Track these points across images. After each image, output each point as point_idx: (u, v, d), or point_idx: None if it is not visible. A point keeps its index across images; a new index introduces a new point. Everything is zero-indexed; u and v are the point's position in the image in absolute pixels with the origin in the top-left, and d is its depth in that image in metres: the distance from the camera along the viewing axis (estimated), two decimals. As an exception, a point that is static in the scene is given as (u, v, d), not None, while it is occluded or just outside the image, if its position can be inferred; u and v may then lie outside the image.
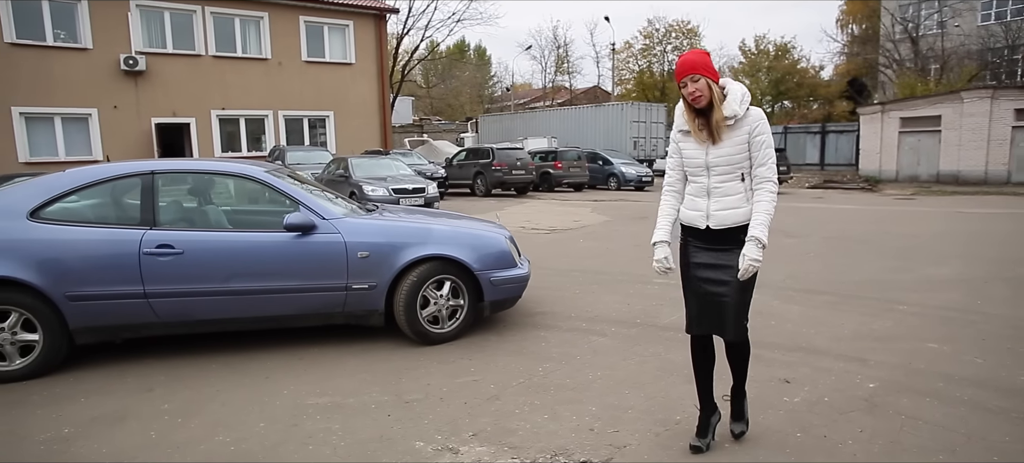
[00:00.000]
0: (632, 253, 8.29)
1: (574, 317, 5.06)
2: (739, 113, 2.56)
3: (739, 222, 2.61)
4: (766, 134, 2.61)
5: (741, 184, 2.61)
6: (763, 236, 2.55)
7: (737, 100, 2.58)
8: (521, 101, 56.72)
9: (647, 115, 28.92)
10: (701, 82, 2.55)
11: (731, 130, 2.59)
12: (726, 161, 2.60)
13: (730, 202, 2.62)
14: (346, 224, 4.17)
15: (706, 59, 2.59)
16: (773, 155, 2.63)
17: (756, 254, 2.55)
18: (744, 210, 2.60)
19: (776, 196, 2.60)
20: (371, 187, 11.64)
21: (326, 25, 21.01)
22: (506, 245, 4.57)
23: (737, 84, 2.63)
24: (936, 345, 4.24)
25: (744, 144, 2.59)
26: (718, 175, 2.63)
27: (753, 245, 2.55)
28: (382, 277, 4.16)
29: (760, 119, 2.60)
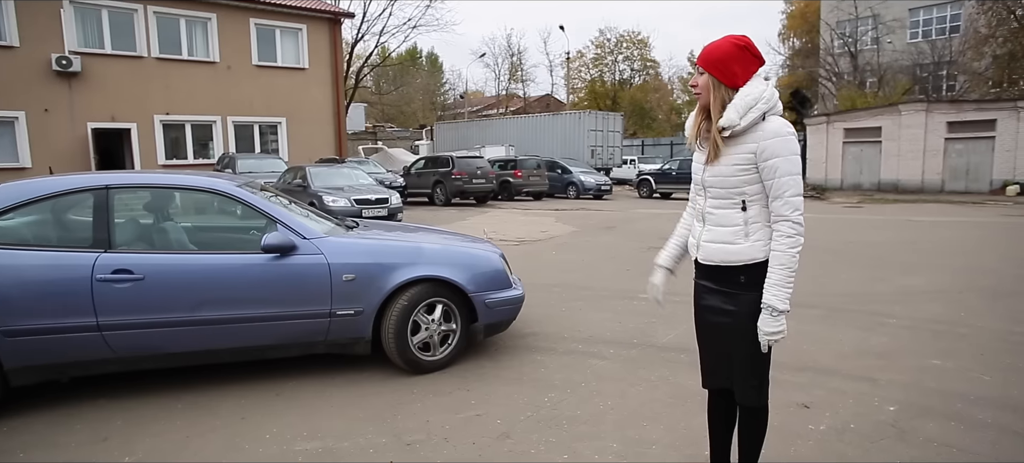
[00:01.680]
0: (610, 266, 8.13)
1: (568, 338, 4.81)
2: (738, 125, 2.02)
3: (730, 261, 2.12)
4: (782, 157, 2.01)
5: (739, 214, 2.09)
6: (779, 302, 2.03)
7: (738, 108, 2.02)
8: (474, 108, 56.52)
9: (604, 124, 29.13)
10: (704, 78, 2.09)
11: (731, 144, 2.06)
12: (720, 182, 2.11)
13: (721, 235, 2.13)
14: (329, 244, 3.80)
15: (726, 51, 2.05)
16: (795, 185, 2.02)
17: (772, 327, 2.05)
18: (740, 248, 2.10)
19: (798, 240, 2.03)
20: (331, 197, 11.13)
21: (278, 28, 20.24)
22: (501, 264, 4.28)
23: (754, 86, 2.04)
24: (939, 361, 4.19)
25: (747, 166, 2.04)
26: (713, 198, 2.15)
27: (766, 315, 2.05)
28: (370, 301, 3.80)
29: (774, 136, 2.01)
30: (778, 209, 2.04)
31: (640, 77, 57.27)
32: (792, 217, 2.03)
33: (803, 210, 2.05)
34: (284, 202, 4.30)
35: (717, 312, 2.21)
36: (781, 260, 2.04)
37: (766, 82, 2.05)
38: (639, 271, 7.66)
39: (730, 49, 2.05)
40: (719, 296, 2.19)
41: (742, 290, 2.13)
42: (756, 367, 2.19)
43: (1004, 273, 7.37)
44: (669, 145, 41.69)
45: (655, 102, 53.97)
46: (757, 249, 2.09)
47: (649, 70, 57.23)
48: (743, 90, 2.04)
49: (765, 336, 2.07)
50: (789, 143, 2.02)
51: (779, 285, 2.04)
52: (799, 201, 2.03)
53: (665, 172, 23.49)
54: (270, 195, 4.28)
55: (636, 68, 57.47)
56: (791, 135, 2.03)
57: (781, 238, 2.04)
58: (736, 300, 2.15)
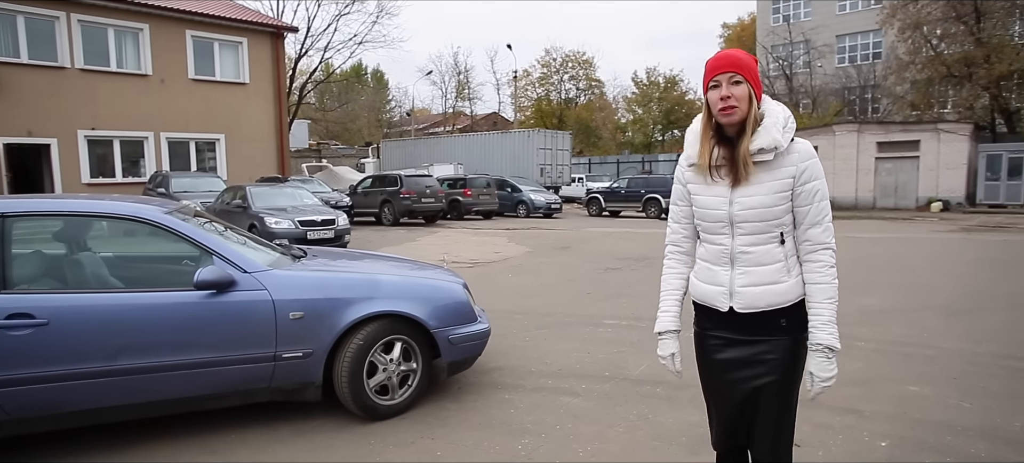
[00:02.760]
0: (570, 289, 7.88)
1: (536, 373, 4.49)
2: (781, 144, 1.76)
3: (777, 303, 1.84)
4: (820, 179, 1.81)
5: (780, 248, 1.83)
6: (833, 341, 1.79)
7: (779, 125, 1.78)
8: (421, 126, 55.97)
9: (553, 142, 29.19)
10: (742, 88, 1.77)
11: (767, 169, 1.79)
12: (759, 215, 1.81)
13: (764, 275, 1.84)
14: (273, 277, 3.37)
15: (754, 62, 1.82)
16: (829, 209, 1.83)
17: (826, 371, 1.80)
18: (785, 286, 1.83)
19: (836, 270, 1.83)
20: (274, 219, 10.49)
21: (217, 41, 19.32)
22: (464, 296, 3.94)
23: (778, 105, 1.84)
24: (917, 388, 4.09)
25: (787, 192, 1.80)
26: (747, 234, 1.84)
27: (821, 358, 1.80)
28: (320, 342, 3.38)
29: (810, 157, 1.80)
30: (818, 236, 1.83)
31: (585, 96, 58.08)
32: (832, 245, 1.84)
33: None
34: (221, 229, 3.84)
35: (745, 365, 1.90)
36: (828, 293, 1.82)
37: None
38: (600, 294, 7.45)
39: (752, 61, 1.82)
40: (748, 347, 1.89)
41: (781, 335, 1.87)
42: (790, 419, 1.95)
43: (951, 291, 7.52)
44: (616, 163, 42.33)
45: (600, 121, 54.76)
46: (799, 286, 1.86)
47: (594, 89, 58.12)
48: (771, 108, 1.82)
49: (822, 382, 1.82)
50: (821, 166, 1.84)
51: (831, 322, 1.81)
52: (833, 227, 1.86)
53: (614, 190, 23.66)
54: (205, 221, 3.82)
55: (582, 87, 58.27)
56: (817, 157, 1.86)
57: (824, 268, 1.83)
58: (775, 347, 1.87)
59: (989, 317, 6.17)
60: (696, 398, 4.01)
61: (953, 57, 27.91)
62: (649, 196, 21.85)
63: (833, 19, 41.47)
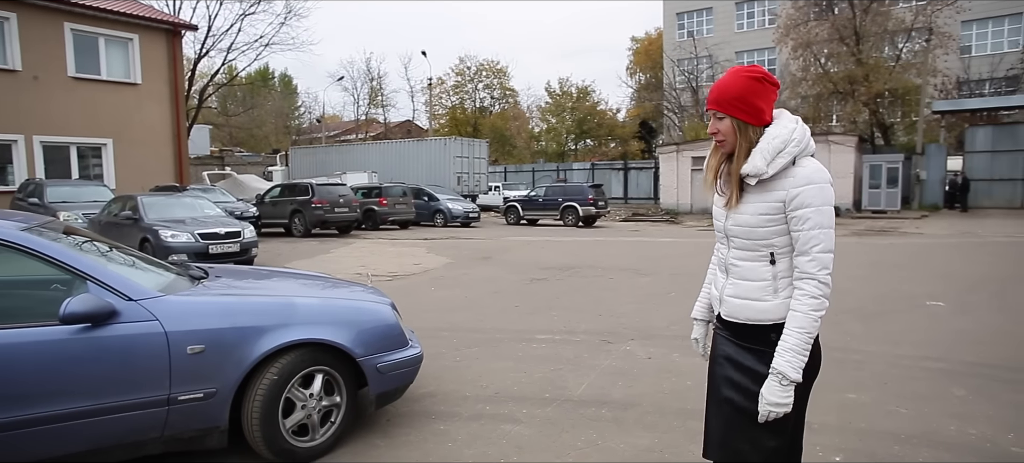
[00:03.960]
0: (497, 303, 7.58)
1: (471, 398, 4.15)
2: (764, 173, 1.78)
3: (756, 319, 1.87)
4: (813, 208, 1.75)
5: (768, 268, 1.85)
6: (791, 370, 1.76)
7: (765, 153, 1.78)
8: (332, 133, 54.09)
9: (470, 150, 28.91)
10: (725, 123, 1.85)
11: (756, 191, 1.83)
12: (745, 233, 1.87)
13: (747, 289, 1.89)
14: (167, 305, 2.84)
15: (743, 86, 1.81)
16: (825, 239, 1.76)
17: (775, 396, 1.78)
18: (767, 306, 1.85)
19: (823, 303, 1.77)
20: (170, 232, 9.50)
21: (102, 36, 17.57)
22: (394, 318, 3.54)
23: (783, 126, 1.81)
24: (854, 395, 4.11)
25: (776, 215, 1.80)
26: (738, 249, 1.92)
27: (774, 382, 1.79)
28: (225, 379, 2.89)
29: (806, 183, 1.76)
30: (803, 266, 1.79)
31: (500, 105, 58.30)
32: (819, 276, 1.77)
33: (831, 269, 1.78)
34: (103, 249, 3.24)
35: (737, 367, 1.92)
36: (800, 323, 1.78)
37: (796, 121, 1.84)
38: (529, 307, 7.21)
39: (747, 83, 1.82)
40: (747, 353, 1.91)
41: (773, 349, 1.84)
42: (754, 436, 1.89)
43: (859, 294, 7.86)
44: (531, 171, 42.67)
45: (515, 130, 55.13)
46: (786, 307, 1.83)
47: (508, 98, 58.46)
48: (771, 131, 1.81)
49: (768, 405, 1.79)
50: (823, 192, 1.77)
51: (794, 351, 1.77)
52: (828, 259, 1.77)
53: (532, 199, 23.68)
54: (81, 240, 3.21)
55: (496, 96, 58.45)
56: (825, 183, 1.78)
57: (804, 298, 1.78)
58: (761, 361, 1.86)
59: (897, 319, 6.45)
60: (644, 418, 3.84)
61: (838, 75, 30.24)
62: (567, 204, 22.00)
63: (733, 36, 44.02)
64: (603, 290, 8.28)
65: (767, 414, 1.80)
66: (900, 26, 29.03)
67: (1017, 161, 26.50)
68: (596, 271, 9.98)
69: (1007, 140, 26.93)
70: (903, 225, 20.37)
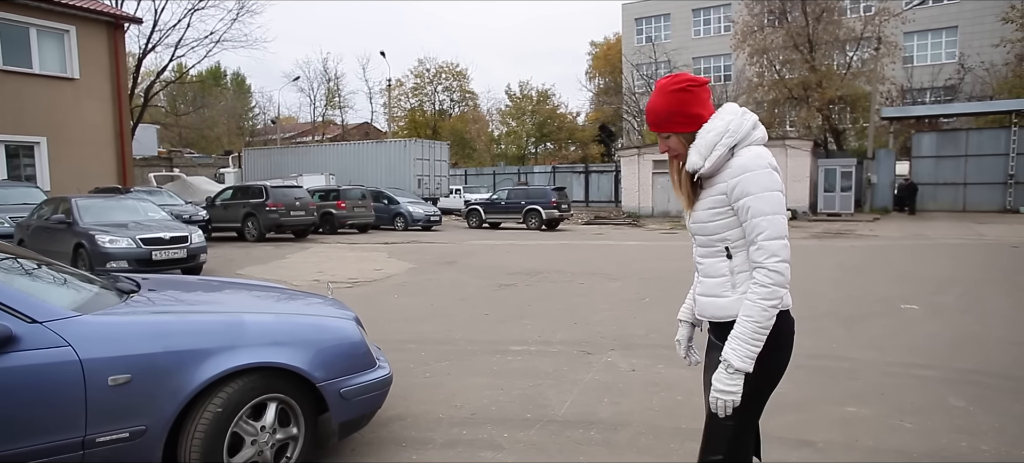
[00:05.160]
0: (465, 311, 7.17)
1: (445, 420, 3.74)
2: (702, 167, 1.81)
3: (720, 316, 1.89)
4: (753, 195, 1.75)
5: (725, 262, 1.86)
6: (736, 358, 1.75)
7: (700, 149, 1.82)
8: (287, 135, 52.60)
9: (431, 152, 28.37)
10: (673, 140, 1.89)
11: (706, 187, 1.87)
12: (701, 229, 1.91)
13: (710, 286, 1.92)
14: (82, 327, 2.35)
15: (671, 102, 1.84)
16: (769, 226, 1.74)
17: (724, 385, 1.78)
18: (727, 301, 1.86)
19: (776, 292, 1.74)
20: (108, 238, 8.74)
21: (34, 27, 16.38)
22: (358, 335, 3.11)
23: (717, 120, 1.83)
24: (854, 409, 3.87)
25: (722, 208, 1.83)
26: (699, 247, 1.96)
27: (721, 370, 1.79)
28: (158, 414, 2.41)
29: (742, 171, 1.77)
30: (753, 255, 1.78)
31: (459, 108, 57.79)
32: (767, 263, 1.74)
33: (786, 256, 1.75)
34: (12, 257, 2.71)
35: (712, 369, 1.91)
36: (749, 311, 1.76)
37: (735, 112, 1.85)
38: (499, 315, 6.83)
39: (674, 97, 1.84)
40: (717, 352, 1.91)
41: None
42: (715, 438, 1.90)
43: (832, 298, 7.77)
44: (492, 174, 42.30)
45: (475, 133, 54.69)
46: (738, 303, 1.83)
47: (468, 101, 57.99)
48: (706, 126, 1.83)
49: (715, 393, 1.80)
50: (760, 178, 1.75)
51: (742, 339, 1.76)
52: (777, 245, 1.74)
53: (494, 202, 23.31)
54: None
55: (456, 99, 57.91)
56: (764, 169, 1.75)
57: (755, 287, 1.77)
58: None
59: (876, 323, 6.34)
60: (637, 440, 3.50)
61: (793, 81, 30.91)
62: (530, 207, 21.71)
63: (690, 42, 44.72)
64: (575, 296, 7.96)
65: (714, 403, 1.80)
66: (851, 35, 29.86)
67: (959, 166, 27.56)
68: (565, 276, 9.67)
69: (950, 146, 27.99)
70: (858, 227, 20.83)
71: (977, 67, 31.53)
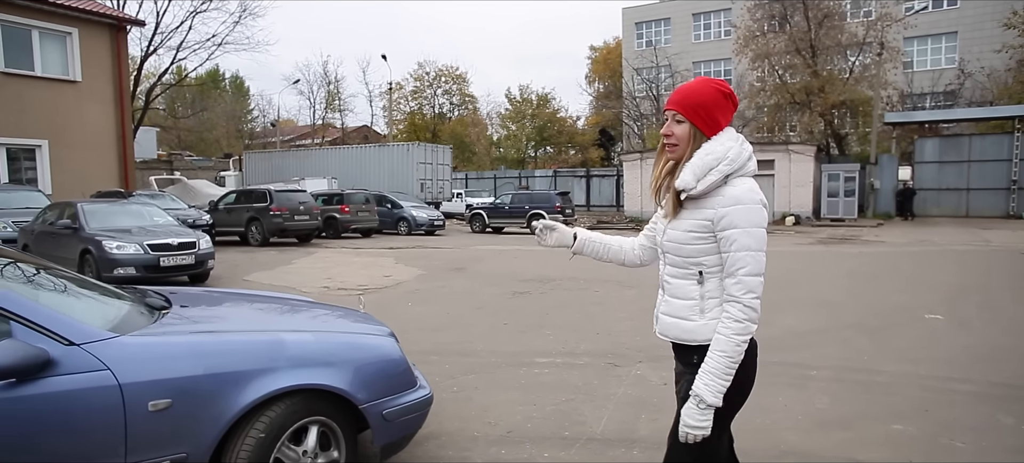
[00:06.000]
0: (483, 320, 7.05)
1: (481, 438, 3.62)
2: (693, 188, 1.75)
3: (684, 339, 1.85)
4: (740, 229, 1.72)
5: (696, 287, 1.82)
6: (709, 394, 1.73)
7: (696, 170, 1.75)
8: (287, 138, 52.42)
9: (433, 156, 28.26)
10: (683, 128, 1.81)
11: (690, 207, 1.80)
12: (675, 249, 1.85)
13: (677, 308, 1.87)
14: (121, 349, 2.22)
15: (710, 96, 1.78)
16: (752, 262, 1.71)
17: (695, 420, 1.75)
18: (694, 326, 1.82)
19: (748, 328, 1.73)
20: (115, 244, 8.59)
21: (36, 29, 16.23)
22: (400, 354, 2.98)
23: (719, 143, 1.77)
24: (900, 426, 3.76)
25: (704, 234, 1.78)
26: (670, 265, 1.90)
27: (692, 405, 1.76)
28: (198, 440, 2.29)
29: (734, 203, 1.73)
30: (730, 288, 1.74)
31: (459, 111, 57.69)
32: (743, 299, 1.72)
33: (760, 293, 1.73)
34: (28, 272, 2.59)
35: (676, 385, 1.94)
36: (722, 346, 1.74)
37: (737, 138, 1.80)
38: (519, 325, 6.71)
39: (714, 95, 1.80)
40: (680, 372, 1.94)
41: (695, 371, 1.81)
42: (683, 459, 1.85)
43: (853, 306, 7.68)
44: (492, 178, 42.18)
45: (474, 136, 54.57)
46: (712, 329, 1.78)
47: (468, 105, 57.88)
48: (706, 146, 1.78)
49: (685, 428, 1.77)
50: (751, 213, 1.72)
51: (713, 374, 1.73)
52: (755, 283, 1.72)
53: (498, 206, 23.20)
54: (3, 262, 2.55)
55: (455, 102, 57.81)
56: (755, 204, 1.74)
57: (728, 321, 1.74)
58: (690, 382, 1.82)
59: (901, 334, 6.23)
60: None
61: (796, 86, 30.86)
62: (534, 212, 21.61)
63: (691, 46, 44.70)
64: (592, 304, 7.85)
65: (685, 436, 1.77)
66: (853, 40, 29.85)
67: (962, 171, 27.54)
68: (578, 283, 9.56)
69: (953, 151, 27.97)
70: (862, 233, 20.76)
71: (977, 72, 31.53)
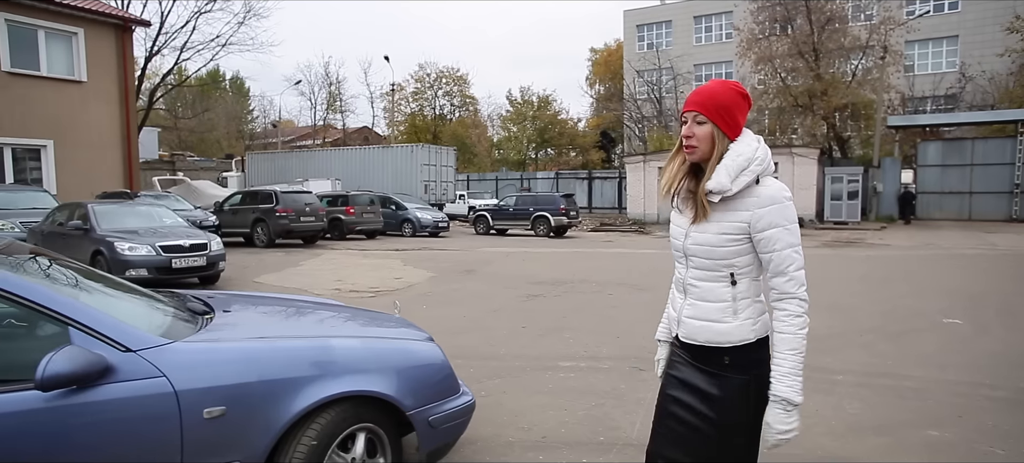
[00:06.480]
0: (502, 323, 7.01)
1: (517, 444, 3.59)
2: (728, 189, 1.74)
3: (715, 341, 1.82)
4: (782, 227, 1.73)
5: (728, 289, 1.80)
6: (794, 394, 1.73)
7: (730, 170, 1.74)
8: (287, 138, 52.34)
9: (437, 158, 28.21)
10: (705, 128, 1.79)
11: (719, 209, 1.78)
12: (706, 252, 1.81)
13: (706, 311, 1.84)
14: (175, 356, 2.19)
15: (730, 97, 1.78)
16: (798, 257, 1.75)
17: (782, 424, 1.73)
18: (727, 328, 1.80)
19: (807, 320, 1.75)
20: (127, 245, 8.55)
21: (42, 29, 16.18)
22: (444, 360, 2.96)
23: (746, 144, 1.78)
24: (936, 432, 3.74)
25: (739, 236, 1.77)
26: (697, 268, 1.86)
27: (779, 409, 1.74)
28: (252, 448, 2.26)
29: (771, 203, 1.73)
30: (782, 286, 1.75)
31: (459, 113, 57.65)
32: (798, 294, 1.75)
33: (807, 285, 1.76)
34: (78, 278, 2.55)
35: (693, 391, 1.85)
36: (792, 344, 1.74)
37: (758, 140, 1.81)
38: (538, 328, 6.68)
39: (733, 96, 1.80)
40: (699, 374, 1.86)
41: (726, 372, 1.81)
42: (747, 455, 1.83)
43: (870, 311, 7.66)
44: (494, 180, 42.14)
45: (475, 138, 54.52)
46: (747, 329, 1.79)
47: (468, 106, 57.85)
48: (735, 148, 1.78)
49: (777, 434, 1.74)
50: (787, 210, 1.75)
51: (792, 374, 1.74)
52: (803, 276, 1.76)
53: (502, 208, 23.16)
54: (45, 264, 2.52)
55: (456, 104, 57.77)
56: (789, 201, 1.76)
57: (789, 318, 1.75)
58: (720, 383, 1.81)
59: (923, 339, 6.22)
60: None
61: (799, 89, 30.89)
62: (538, 214, 21.58)
63: (692, 49, 44.72)
64: (608, 308, 7.82)
65: (776, 442, 1.75)
66: (856, 43, 29.88)
67: (965, 175, 27.59)
68: (591, 286, 9.53)
69: (956, 155, 28.02)
70: (867, 236, 20.76)
71: (978, 76, 31.58)
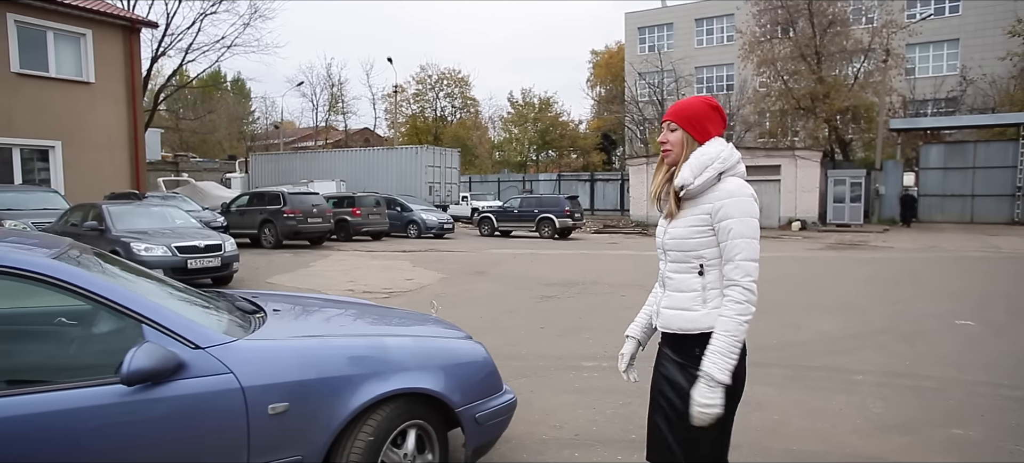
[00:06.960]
0: (520, 324, 7.08)
1: (551, 441, 3.66)
2: (691, 184, 1.93)
3: (688, 329, 1.96)
4: (736, 218, 1.89)
5: (697, 279, 1.97)
6: (718, 372, 1.85)
7: (693, 167, 1.94)
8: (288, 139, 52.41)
9: (442, 159, 28.28)
10: (676, 134, 2.01)
11: (688, 205, 1.98)
12: (678, 245, 2.00)
13: (679, 301, 2.00)
14: (241, 353, 2.26)
15: (700, 109, 2.00)
16: (747, 248, 1.88)
17: (706, 398, 1.86)
18: (697, 315, 1.95)
19: (748, 308, 1.86)
20: (144, 246, 8.62)
21: (51, 30, 16.23)
22: (489, 358, 3.04)
23: (712, 145, 1.97)
24: (961, 431, 3.81)
25: (703, 227, 1.94)
26: (672, 262, 2.05)
27: (702, 385, 1.87)
28: (313, 443, 2.33)
29: (728, 196, 1.91)
30: (729, 273, 1.90)
31: (461, 114, 57.74)
32: (742, 282, 1.87)
33: (756, 277, 1.88)
34: (134, 276, 2.62)
35: (670, 383, 2.02)
36: (727, 327, 1.87)
37: (726, 144, 1.99)
38: (556, 328, 6.75)
39: (703, 107, 2.02)
40: (676, 366, 2.01)
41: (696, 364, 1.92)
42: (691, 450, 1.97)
43: (881, 312, 7.73)
44: (496, 182, 42.23)
45: (476, 139, 54.61)
46: (714, 318, 1.92)
47: (469, 108, 57.94)
48: (700, 149, 1.97)
49: (698, 407, 1.87)
50: (744, 204, 1.90)
51: (721, 353, 1.86)
52: (752, 267, 1.88)
53: (507, 210, 23.23)
54: (104, 263, 2.59)
55: (457, 105, 57.86)
56: (748, 197, 1.92)
57: (731, 303, 1.88)
58: (688, 374, 1.95)
59: (937, 340, 6.29)
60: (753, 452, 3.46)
61: (801, 92, 30.99)
62: (543, 216, 21.65)
63: (693, 51, 44.84)
64: (623, 309, 7.89)
65: (696, 415, 1.87)
66: (858, 46, 29.98)
67: (967, 178, 27.71)
68: (603, 287, 9.61)
69: (958, 158, 28.15)
70: (870, 239, 20.85)
71: (979, 79, 31.70)
